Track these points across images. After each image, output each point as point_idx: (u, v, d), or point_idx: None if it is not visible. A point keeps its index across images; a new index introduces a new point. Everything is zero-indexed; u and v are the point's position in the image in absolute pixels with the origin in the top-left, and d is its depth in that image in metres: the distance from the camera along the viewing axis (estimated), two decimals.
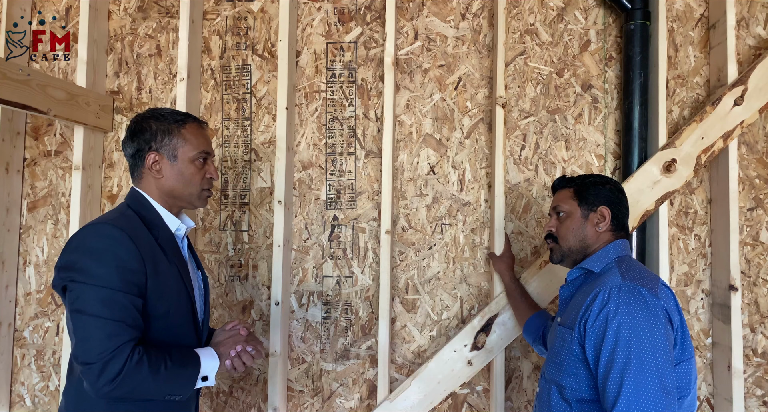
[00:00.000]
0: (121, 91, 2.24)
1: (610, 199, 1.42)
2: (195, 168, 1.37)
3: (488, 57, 2.12)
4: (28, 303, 2.22)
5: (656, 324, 1.17)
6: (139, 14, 2.25)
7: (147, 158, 1.33)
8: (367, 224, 2.14)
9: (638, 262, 1.39)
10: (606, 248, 1.40)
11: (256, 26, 2.21)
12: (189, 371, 1.26)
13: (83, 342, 1.15)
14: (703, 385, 2.01)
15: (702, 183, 2.04)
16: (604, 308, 1.21)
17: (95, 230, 1.23)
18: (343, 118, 2.16)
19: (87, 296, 1.16)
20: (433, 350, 2.08)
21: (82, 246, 1.21)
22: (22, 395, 2.21)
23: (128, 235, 1.21)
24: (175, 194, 1.37)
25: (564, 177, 1.53)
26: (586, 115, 2.08)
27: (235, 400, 2.15)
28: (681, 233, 2.04)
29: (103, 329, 1.14)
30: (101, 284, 1.16)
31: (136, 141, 1.34)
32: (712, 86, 2.02)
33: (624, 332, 1.17)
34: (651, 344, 1.15)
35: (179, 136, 1.34)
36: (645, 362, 1.14)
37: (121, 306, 1.17)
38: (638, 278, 1.25)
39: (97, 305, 1.15)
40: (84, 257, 1.18)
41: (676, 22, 2.06)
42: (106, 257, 1.18)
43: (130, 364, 1.14)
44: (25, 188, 2.25)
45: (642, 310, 1.18)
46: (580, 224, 1.43)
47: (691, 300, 2.03)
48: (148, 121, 1.34)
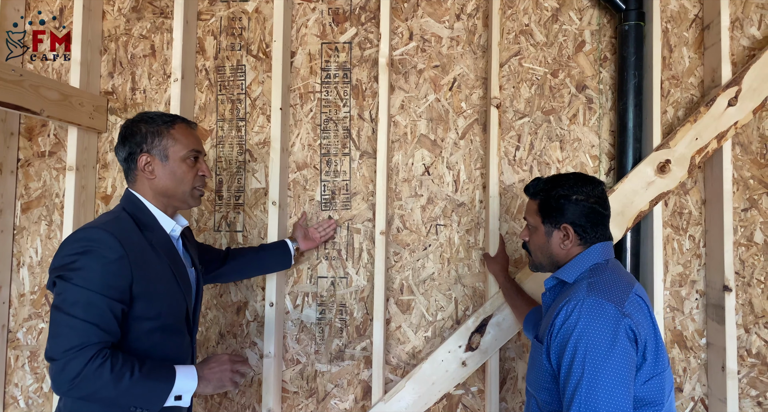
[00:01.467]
0: (115, 91, 2.24)
1: (576, 214, 1.33)
2: (186, 167, 1.41)
3: (483, 58, 2.12)
4: (22, 304, 2.22)
5: (614, 342, 1.14)
6: (134, 14, 2.24)
7: (139, 160, 1.37)
8: (361, 225, 2.13)
9: (615, 268, 1.33)
10: (579, 256, 1.34)
11: (250, 27, 2.21)
12: (160, 385, 1.24)
13: (53, 338, 1.18)
14: (698, 385, 2.01)
15: (696, 184, 2.04)
16: (565, 322, 1.19)
17: (86, 233, 1.26)
18: (337, 119, 2.16)
19: (67, 294, 1.19)
20: (428, 351, 2.08)
21: (72, 248, 1.24)
22: (15, 397, 2.20)
23: (117, 239, 1.24)
24: (168, 194, 1.40)
25: (534, 182, 1.44)
26: (581, 115, 2.08)
27: (229, 401, 2.15)
28: (675, 233, 2.04)
29: (73, 329, 1.16)
30: (82, 285, 1.19)
31: (128, 145, 1.38)
32: (707, 87, 2.02)
33: (581, 348, 1.15)
34: (605, 362, 1.12)
35: (169, 136, 1.39)
36: (597, 379, 1.12)
37: (97, 309, 1.19)
38: (605, 291, 1.21)
39: (73, 304, 1.18)
40: (72, 258, 1.22)
41: (671, 23, 2.06)
42: (92, 260, 1.21)
43: (90, 366, 1.15)
44: (19, 189, 2.24)
45: (601, 326, 1.15)
46: (545, 240, 1.38)
47: (685, 301, 2.03)
48: (138, 125, 1.39)
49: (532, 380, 1.32)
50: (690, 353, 2.02)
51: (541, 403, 1.28)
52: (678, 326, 2.03)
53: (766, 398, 1.98)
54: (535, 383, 1.31)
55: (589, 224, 1.33)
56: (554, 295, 1.41)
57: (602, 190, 1.38)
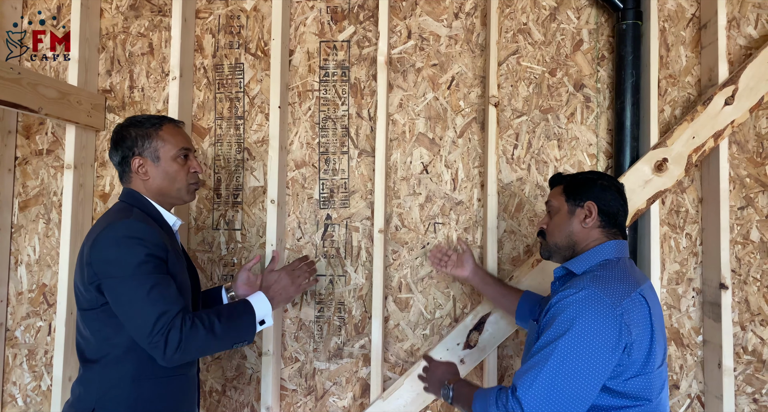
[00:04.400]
0: (113, 89, 2.23)
1: (599, 194, 1.38)
2: (178, 165, 1.47)
3: (481, 56, 2.12)
4: (20, 303, 2.21)
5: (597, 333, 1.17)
6: (132, 13, 2.24)
7: (132, 163, 1.44)
8: (360, 223, 2.14)
9: (625, 266, 1.34)
10: (595, 249, 1.36)
11: (249, 25, 2.21)
12: (244, 319, 1.43)
13: (143, 327, 1.28)
14: (694, 383, 2.02)
15: (693, 182, 2.05)
16: (558, 303, 1.24)
17: (121, 225, 1.34)
18: (336, 117, 2.16)
19: (131, 287, 1.29)
20: (426, 348, 2.09)
21: (114, 241, 1.32)
22: (13, 395, 2.20)
23: (150, 227, 1.35)
24: (164, 192, 1.48)
25: (559, 174, 1.52)
26: (579, 114, 2.08)
27: (228, 399, 2.15)
28: (672, 231, 2.05)
29: (154, 311, 1.27)
30: (141, 273, 1.29)
31: (120, 149, 1.45)
32: (704, 86, 2.03)
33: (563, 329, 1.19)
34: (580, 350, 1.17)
35: (158, 137, 1.45)
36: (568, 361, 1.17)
37: (163, 287, 1.31)
38: (606, 286, 1.24)
39: (143, 293, 1.28)
40: (118, 252, 1.31)
41: (668, 22, 2.07)
42: (138, 248, 1.30)
43: (185, 330, 1.28)
44: (17, 187, 2.24)
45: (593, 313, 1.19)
46: (567, 219, 1.41)
47: (682, 298, 2.04)
48: (128, 129, 1.46)
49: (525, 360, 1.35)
50: (686, 351, 2.03)
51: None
52: (675, 324, 2.04)
53: (762, 395, 2.00)
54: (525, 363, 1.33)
55: (612, 207, 1.38)
56: (562, 285, 1.41)
57: (623, 186, 1.46)
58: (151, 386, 1.37)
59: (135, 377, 1.35)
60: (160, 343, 1.27)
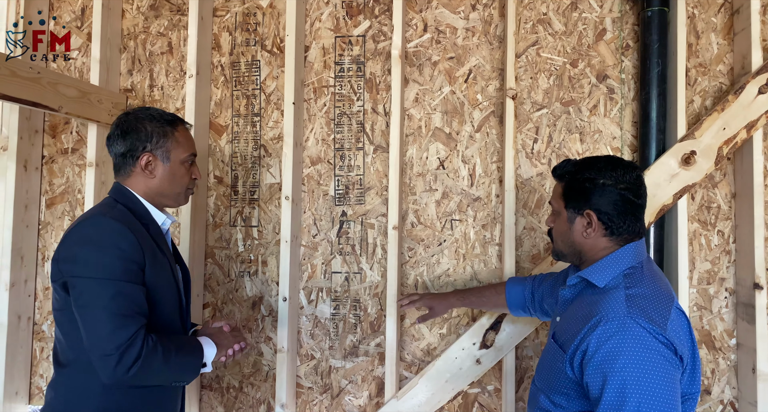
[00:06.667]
0: (134, 88, 2.27)
1: (601, 200, 1.20)
2: (185, 169, 1.44)
3: (499, 48, 2.06)
4: (47, 297, 2.27)
5: (663, 368, 1.04)
6: (152, 12, 2.27)
7: (141, 158, 1.36)
8: (375, 220, 2.11)
9: (652, 273, 1.21)
10: (610, 257, 1.21)
11: (265, 22, 2.21)
12: (195, 358, 1.33)
13: (97, 335, 1.17)
14: (727, 388, 1.91)
15: (726, 176, 1.94)
16: (603, 345, 1.07)
17: (94, 222, 1.26)
18: (351, 113, 2.14)
19: (93, 289, 1.19)
20: (443, 348, 2.04)
21: (82, 239, 1.24)
22: (41, 388, 2.26)
23: (127, 226, 1.25)
24: (163, 193, 1.42)
25: (563, 163, 1.32)
26: (602, 106, 2.00)
27: (245, 395, 2.16)
28: (703, 228, 1.95)
29: (114, 321, 1.17)
30: (106, 277, 1.19)
31: (129, 140, 1.36)
32: (736, 74, 1.92)
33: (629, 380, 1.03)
34: (658, 393, 1.03)
35: (173, 138, 1.40)
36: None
37: (128, 296, 1.21)
38: (646, 310, 1.09)
39: (105, 298, 1.18)
40: (85, 250, 1.22)
41: (698, 8, 1.96)
42: (109, 249, 1.21)
43: (146, 351, 1.19)
44: (44, 185, 2.30)
45: (647, 353, 1.04)
46: (567, 228, 1.27)
47: (713, 299, 1.93)
48: (143, 123, 1.37)
49: (546, 381, 1.25)
50: (719, 354, 1.92)
51: (556, 405, 1.21)
52: (706, 326, 1.93)
53: None
54: (549, 385, 1.23)
55: (616, 212, 1.19)
56: (576, 292, 1.29)
57: (637, 177, 1.23)
58: (123, 396, 1.27)
59: (106, 385, 1.23)
60: (111, 358, 1.15)
